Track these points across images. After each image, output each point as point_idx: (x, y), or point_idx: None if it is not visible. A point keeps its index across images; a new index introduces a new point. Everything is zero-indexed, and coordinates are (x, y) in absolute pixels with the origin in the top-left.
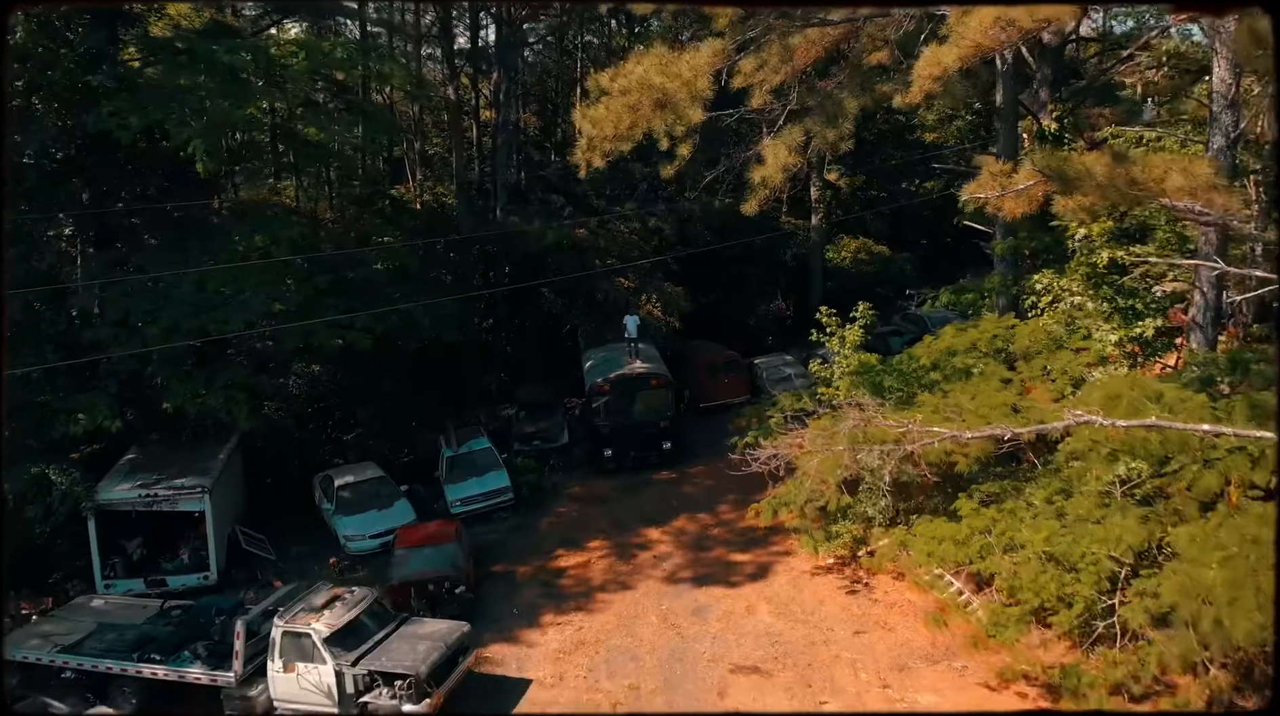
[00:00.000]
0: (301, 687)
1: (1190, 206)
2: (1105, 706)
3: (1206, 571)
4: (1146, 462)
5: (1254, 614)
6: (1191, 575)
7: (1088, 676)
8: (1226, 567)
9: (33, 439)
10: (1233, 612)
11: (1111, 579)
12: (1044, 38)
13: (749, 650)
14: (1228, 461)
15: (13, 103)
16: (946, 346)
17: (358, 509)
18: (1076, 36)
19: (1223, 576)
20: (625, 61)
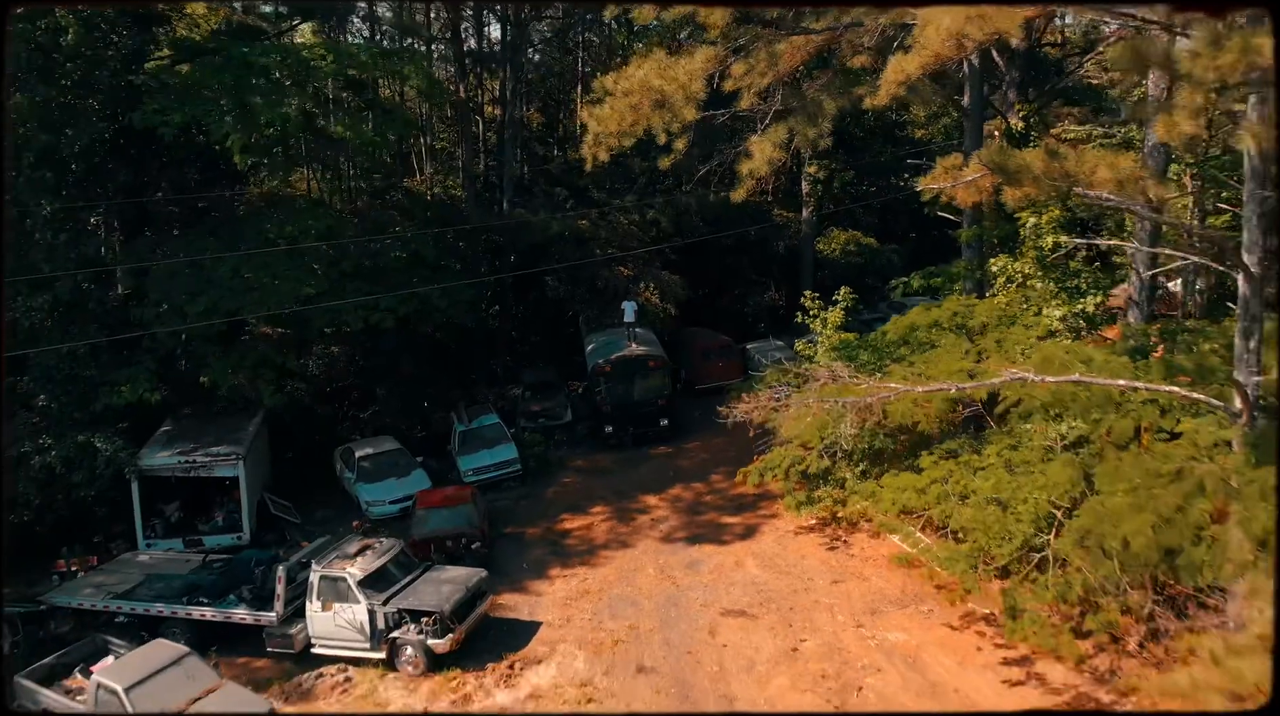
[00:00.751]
0: (337, 625)
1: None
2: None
3: (1115, 499)
4: (1084, 421)
5: (1148, 530)
6: (1104, 502)
7: (1024, 597)
8: (1130, 495)
9: (78, 411)
10: (1132, 530)
11: (1048, 518)
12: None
13: (737, 597)
14: (1140, 410)
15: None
16: (912, 323)
17: (378, 477)
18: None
19: (1126, 502)
20: (627, 65)
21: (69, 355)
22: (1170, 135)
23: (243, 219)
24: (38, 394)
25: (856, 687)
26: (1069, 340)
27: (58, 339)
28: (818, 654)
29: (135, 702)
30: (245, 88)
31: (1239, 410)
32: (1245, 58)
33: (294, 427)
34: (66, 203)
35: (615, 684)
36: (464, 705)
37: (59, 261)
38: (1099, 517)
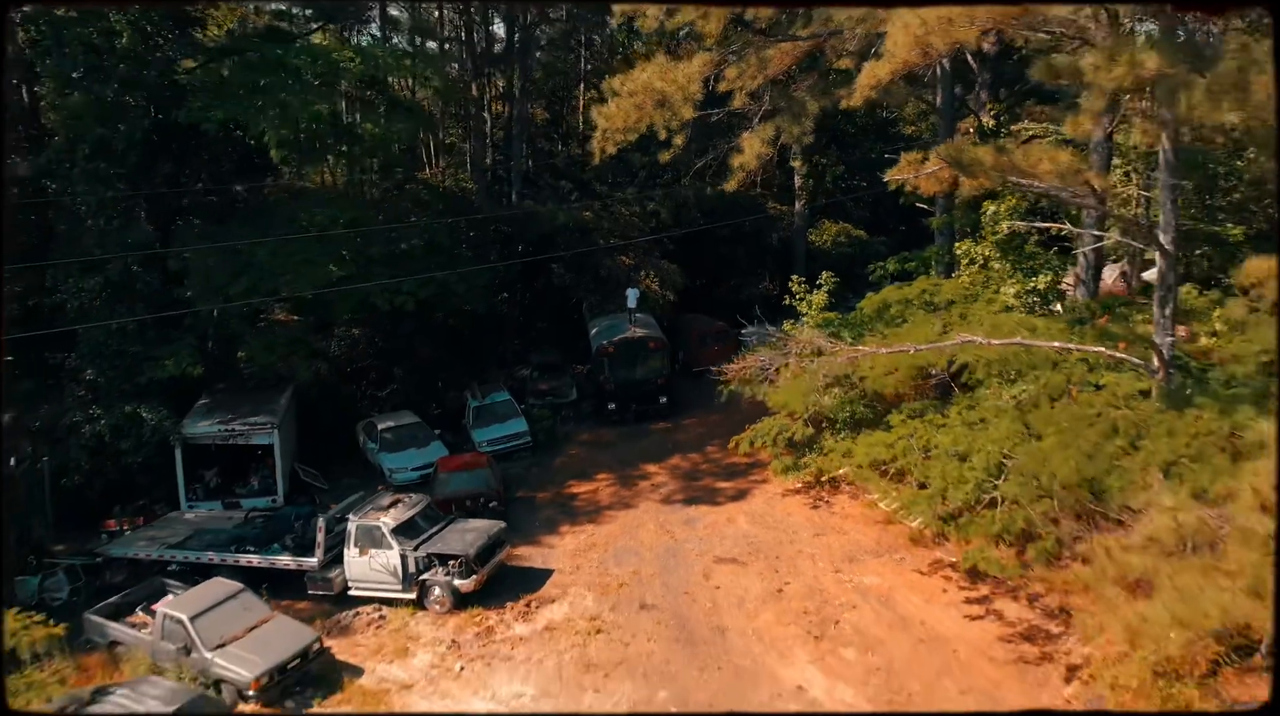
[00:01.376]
0: (372, 569)
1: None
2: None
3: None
4: (1030, 382)
5: (1072, 463)
6: (1039, 445)
7: (974, 528)
8: (1059, 437)
9: (125, 383)
10: (1059, 464)
11: (998, 466)
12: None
13: (729, 547)
14: (1072, 368)
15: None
16: (885, 300)
17: (399, 447)
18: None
19: (1056, 442)
20: (632, 68)
21: (118, 332)
22: (1075, 132)
23: (274, 208)
24: (85, 368)
25: (834, 621)
26: (1022, 313)
27: (106, 317)
28: (800, 594)
29: (199, 630)
30: (279, 87)
31: (1156, 367)
32: (1133, 70)
33: (319, 404)
34: (118, 191)
35: (620, 618)
36: (486, 637)
37: (109, 246)
38: (1033, 456)
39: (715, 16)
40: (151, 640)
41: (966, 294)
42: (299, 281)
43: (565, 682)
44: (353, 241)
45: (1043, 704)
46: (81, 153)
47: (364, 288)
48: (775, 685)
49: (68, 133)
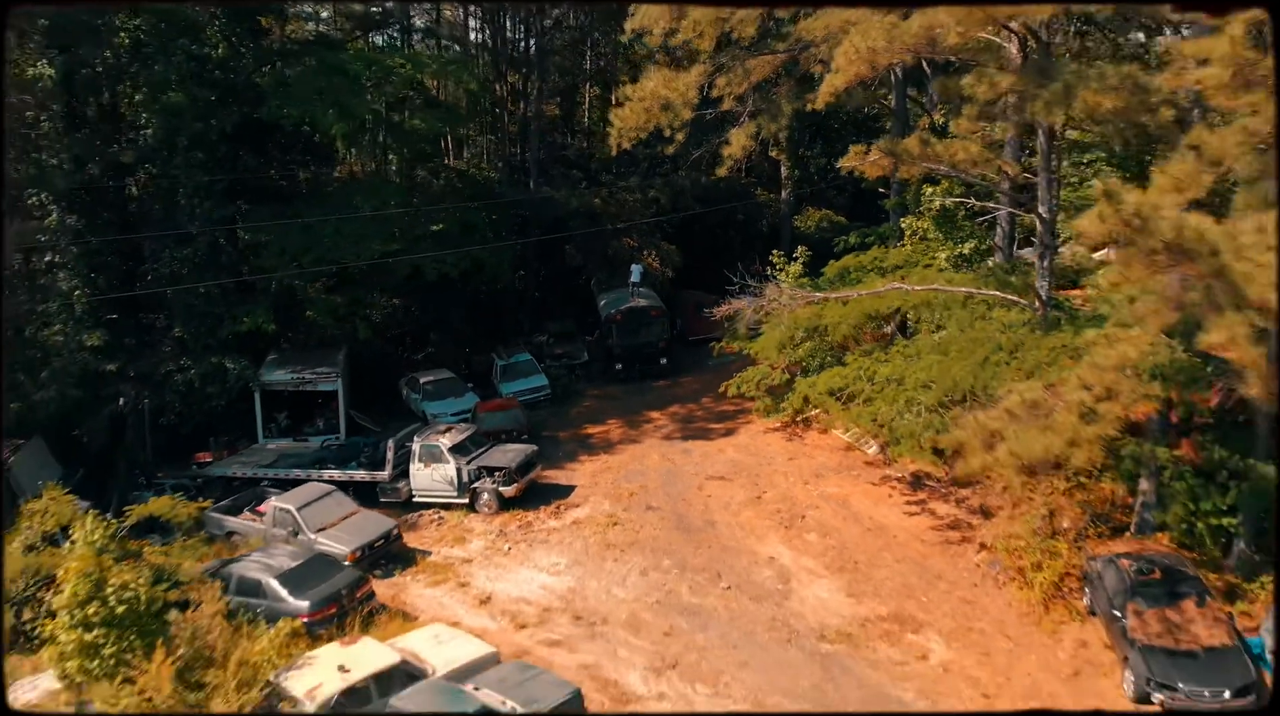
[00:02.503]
0: (433, 480)
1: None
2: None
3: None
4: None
5: (966, 370)
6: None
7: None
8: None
9: (209, 338)
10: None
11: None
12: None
13: (718, 469)
14: (975, 308)
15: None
16: (845, 266)
17: (439, 397)
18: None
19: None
20: (639, 74)
21: (204, 295)
22: (960, 130)
23: (334, 192)
24: (174, 326)
25: (800, 516)
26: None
27: (194, 282)
28: (774, 499)
29: (305, 517)
30: (341, 89)
31: (1038, 306)
32: (992, 88)
33: (367, 362)
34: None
35: (631, 516)
36: (526, 529)
37: (200, 222)
38: (942, 369)
39: (708, 36)
40: (263, 527)
41: (908, 260)
42: (359, 254)
43: (590, 556)
44: (401, 221)
45: (958, 566)
46: (180, 144)
47: (414, 259)
48: (753, 557)
49: (168, 127)
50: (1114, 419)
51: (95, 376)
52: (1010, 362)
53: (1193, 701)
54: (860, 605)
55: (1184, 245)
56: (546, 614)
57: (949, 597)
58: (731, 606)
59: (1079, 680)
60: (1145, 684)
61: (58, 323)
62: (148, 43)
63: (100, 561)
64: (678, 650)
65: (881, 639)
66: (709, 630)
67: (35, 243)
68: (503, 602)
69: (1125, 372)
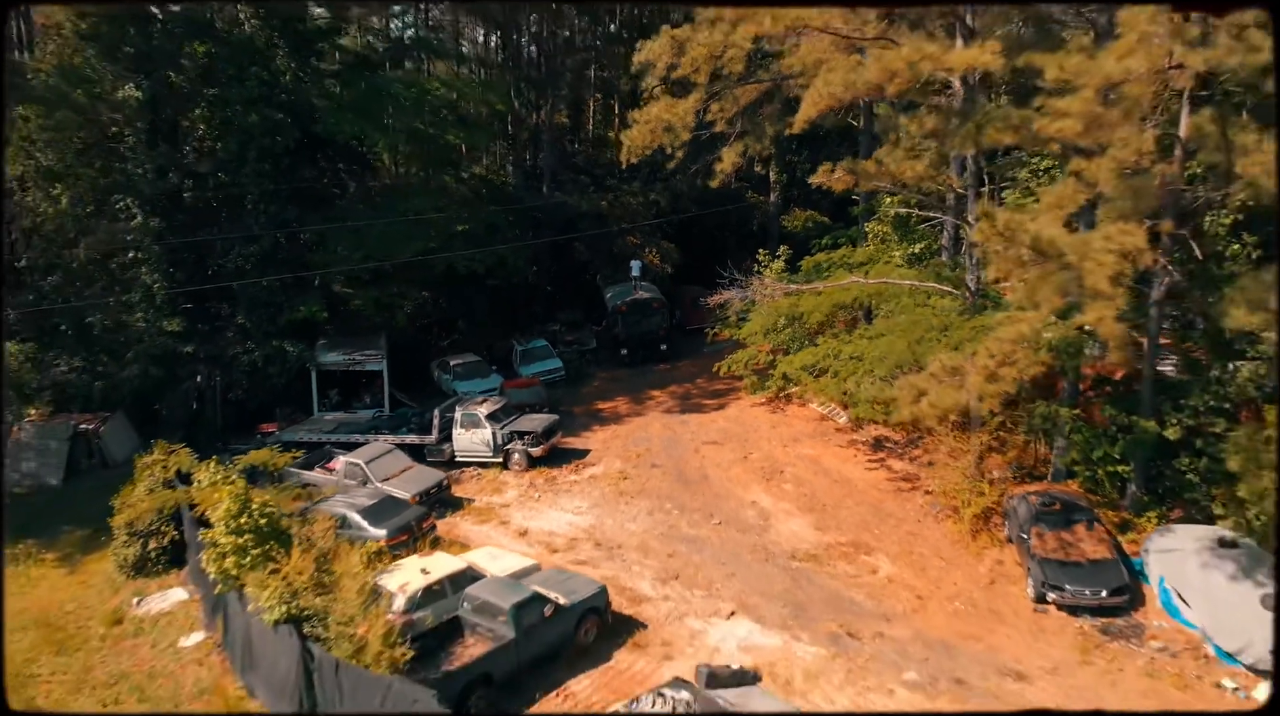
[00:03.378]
0: (472, 443)
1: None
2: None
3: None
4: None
5: (904, 347)
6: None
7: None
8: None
9: (269, 325)
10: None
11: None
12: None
13: (711, 435)
14: (918, 297)
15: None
16: (818, 262)
17: (468, 377)
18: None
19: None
20: (648, 105)
21: (265, 287)
22: (897, 158)
23: (379, 197)
24: (237, 315)
25: (779, 471)
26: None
27: (258, 277)
28: (758, 458)
29: (372, 469)
30: (385, 109)
31: (967, 296)
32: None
33: (402, 347)
34: (276, 185)
35: (639, 471)
36: (551, 482)
37: (264, 224)
38: (889, 346)
39: (704, 71)
40: (336, 478)
41: (871, 257)
42: (402, 252)
43: (606, 501)
44: (436, 223)
45: (906, 508)
46: (250, 157)
47: (448, 257)
48: (739, 501)
49: (240, 143)
50: (1011, 380)
51: (173, 357)
52: (941, 339)
53: (1075, 598)
54: (825, 535)
55: (1041, 249)
56: (573, 542)
57: (897, 530)
58: (721, 536)
59: (993, 587)
60: (1041, 586)
61: (139, 311)
62: (223, 68)
63: (245, 486)
64: (679, 566)
65: (840, 558)
66: (703, 553)
67: (122, 242)
68: (537, 535)
69: (1022, 345)
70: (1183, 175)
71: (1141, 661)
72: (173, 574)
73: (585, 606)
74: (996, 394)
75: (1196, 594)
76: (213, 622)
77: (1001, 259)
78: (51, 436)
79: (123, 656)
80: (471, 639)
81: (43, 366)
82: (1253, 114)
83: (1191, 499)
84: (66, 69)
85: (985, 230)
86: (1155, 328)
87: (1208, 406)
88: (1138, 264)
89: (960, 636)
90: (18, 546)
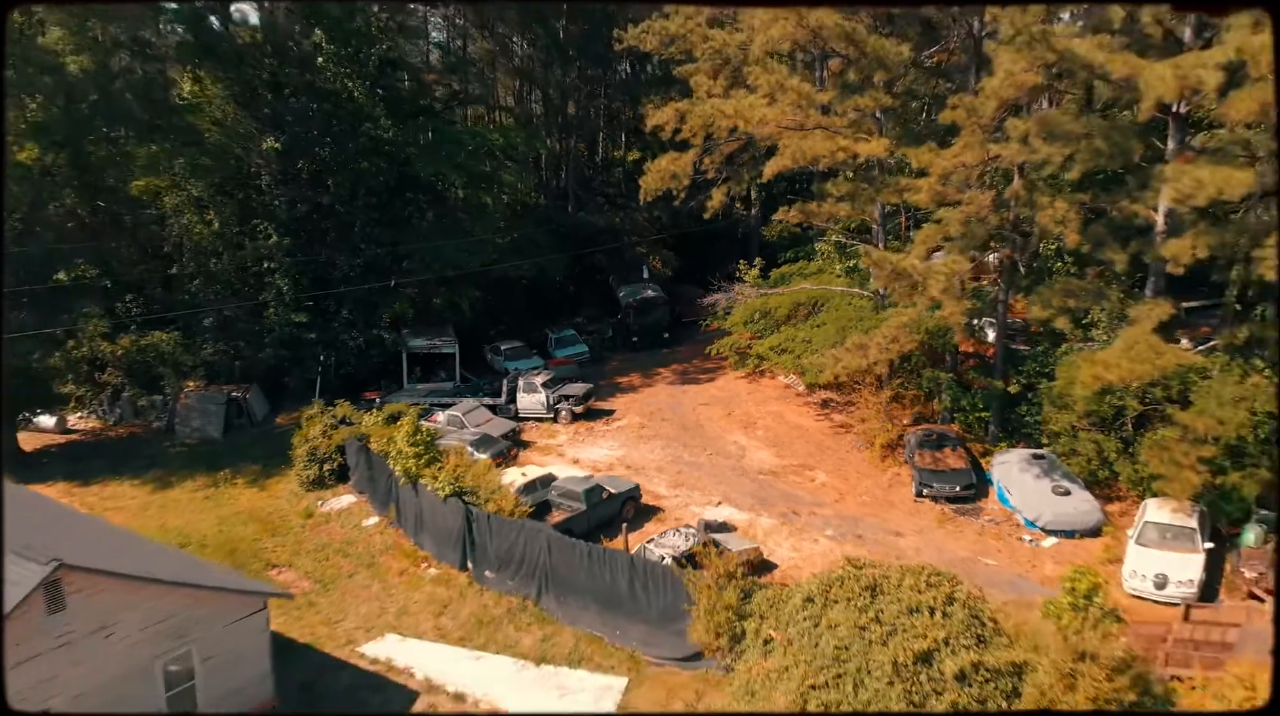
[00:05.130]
0: (531, 403)
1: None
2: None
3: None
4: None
5: (832, 332)
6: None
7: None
8: (831, 322)
9: (369, 317)
10: (828, 333)
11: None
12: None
13: (704, 399)
14: (847, 298)
15: (381, 163)
16: (784, 272)
17: (515, 358)
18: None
19: (830, 325)
20: (657, 158)
21: (367, 290)
22: (823, 210)
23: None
24: (344, 310)
25: (754, 422)
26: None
27: (360, 283)
28: (739, 414)
29: (467, 419)
30: (457, 153)
31: (880, 297)
32: (838, 189)
33: (462, 335)
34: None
35: (653, 423)
36: (590, 431)
37: (367, 243)
38: (824, 332)
39: (699, 133)
40: (440, 427)
41: (820, 269)
42: (471, 261)
43: (630, 441)
44: (494, 241)
45: (839, 444)
46: (360, 192)
47: (503, 266)
48: (724, 440)
49: (353, 183)
50: (896, 351)
51: (297, 342)
52: (858, 326)
53: (940, 492)
54: (782, 460)
55: (899, 272)
56: (610, 466)
57: (831, 457)
58: (711, 461)
59: (890, 488)
60: (919, 486)
61: (272, 307)
62: (340, 126)
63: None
64: (683, 478)
65: (791, 474)
66: (700, 471)
67: (260, 255)
68: (585, 462)
69: (904, 330)
70: (1010, 221)
71: (977, 527)
72: (340, 487)
73: (626, 495)
74: (887, 361)
75: (1015, 487)
76: (385, 510)
77: (879, 277)
78: (211, 401)
79: (321, 534)
80: (557, 512)
81: (193, 349)
82: (1046, 183)
83: (1027, 433)
84: (228, 128)
85: (867, 260)
86: (1002, 319)
87: (1036, 372)
88: (965, 282)
89: (865, 514)
90: (217, 474)
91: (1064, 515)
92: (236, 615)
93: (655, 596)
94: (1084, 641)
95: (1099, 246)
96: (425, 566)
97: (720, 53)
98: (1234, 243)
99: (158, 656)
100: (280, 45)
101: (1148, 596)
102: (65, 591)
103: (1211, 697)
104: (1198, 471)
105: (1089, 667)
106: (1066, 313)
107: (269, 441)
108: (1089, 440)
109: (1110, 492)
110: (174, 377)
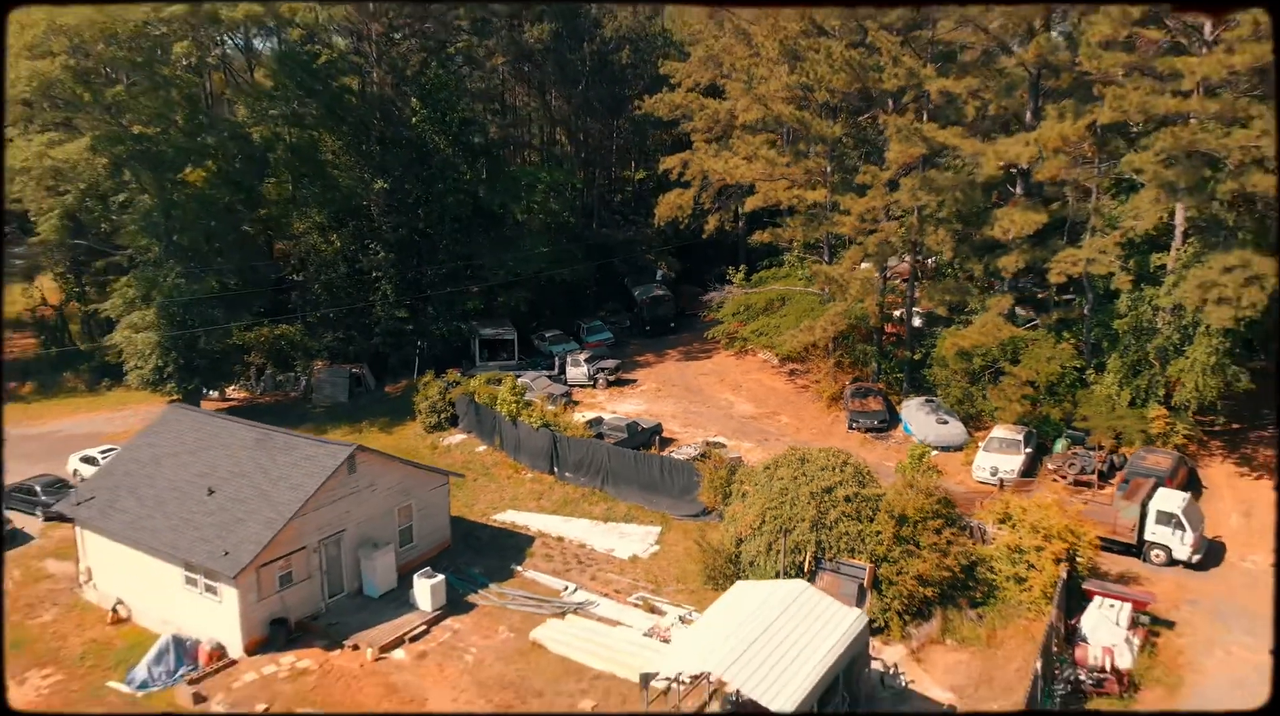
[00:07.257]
0: (577, 375)
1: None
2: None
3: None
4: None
5: (793, 317)
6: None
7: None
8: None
9: (449, 313)
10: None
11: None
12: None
13: (704, 372)
14: (803, 294)
15: (463, 197)
16: (762, 276)
17: (558, 343)
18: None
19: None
20: (665, 195)
21: (449, 292)
22: (788, 235)
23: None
24: (429, 307)
25: (740, 385)
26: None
27: (443, 287)
28: (729, 381)
29: (534, 384)
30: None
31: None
32: (793, 232)
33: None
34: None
35: (666, 388)
36: (621, 393)
37: (450, 256)
38: (789, 316)
39: (697, 179)
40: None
41: (789, 273)
42: (528, 267)
43: (651, 400)
44: (539, 251)
45: (801, 398)
46: (446, 219)
47: (553, 272)
48: (718, 398)
49: (440, 213)
50: (834, 330)
51: (399, 332)
52: (809, 315)
53: (864, 426)
54: (759, 410)
55: (831, 278)
56: (639, 415)
57: (793, 407)
58: (710, 411)
59: (832, 426)
60: (851, 422)
61: (379, 306)
62: (430, 170)
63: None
64: (690, 422)
65: (765, 418)
66: (701, 418)
67: (374, 266)
68: (620, 413)
69: (839, 316)
70: (909, 243)
71: (886, 446)
72: (453, 429)
73: (653, 429)
74: (827, 337)
75: (913, 420)
76: (490, 441)
77: (820, 281)
78: (338, 375)
79: (446, 458)
80: (608, 440)
81: (317, 336)
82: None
83: (928, 388)
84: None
85: (813, 269)
86: (909, 307)
87: (930, 344)
88: (880, 284)
89: (812, 439)
90: (357, 424)
91: (942, 435)
92: (433, 485)
93: (677, 479)
94: (914, 479)
95: (965, 260)
96: (524, 473)
97: (713, 116)
98: (1044, 257)
99: (396, 504)
100: (386, 111)
101: (987, 482)
102: (357, 463)
103: (981, 510)
104: (1021, 404)
105: (914, 494)
106: (945, 304)
107: (385, 403)
108: (959, 387)
109: (979, 424)
110: (304, 359)
